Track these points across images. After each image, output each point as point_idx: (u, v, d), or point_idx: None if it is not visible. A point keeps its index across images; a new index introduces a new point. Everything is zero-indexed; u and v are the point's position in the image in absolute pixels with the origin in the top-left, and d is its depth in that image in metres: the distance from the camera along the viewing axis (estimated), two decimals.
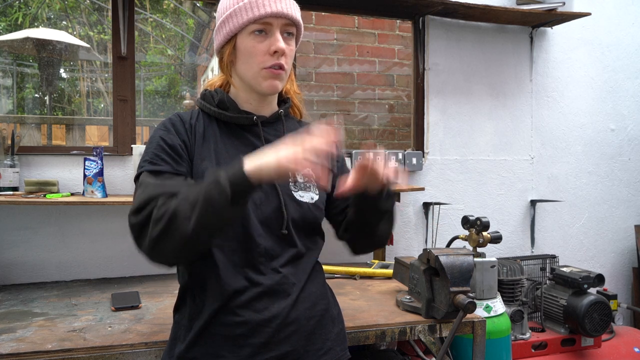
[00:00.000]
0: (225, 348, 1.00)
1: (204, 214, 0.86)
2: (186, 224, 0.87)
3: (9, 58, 3.26)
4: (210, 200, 0.86)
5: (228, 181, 0.86)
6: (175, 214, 0.87)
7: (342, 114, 3.24)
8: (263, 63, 1.05)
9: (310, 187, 1.12)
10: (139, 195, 0.96)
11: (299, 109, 1.26)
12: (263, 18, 1.03)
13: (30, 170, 2.04)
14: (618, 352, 2.35)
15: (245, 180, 0.86)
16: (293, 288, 1.05)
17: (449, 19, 2.64)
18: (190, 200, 0.88)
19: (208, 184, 0.88)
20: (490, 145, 2.77)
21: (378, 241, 1.19)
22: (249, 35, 1.05)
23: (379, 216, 1.10)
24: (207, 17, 4.43)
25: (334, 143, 0.87)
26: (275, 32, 1.05)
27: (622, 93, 3.04)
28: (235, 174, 0.87)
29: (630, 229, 3.06)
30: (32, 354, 1.22)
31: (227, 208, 0.87)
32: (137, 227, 0.93)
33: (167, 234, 0.88)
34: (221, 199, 0.86)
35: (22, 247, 2.03)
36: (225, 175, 0.87)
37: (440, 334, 1.53)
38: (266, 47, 1.04)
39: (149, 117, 4.43)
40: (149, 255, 0.94)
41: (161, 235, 0.89)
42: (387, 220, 1.13)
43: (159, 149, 1.02)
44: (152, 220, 0.90)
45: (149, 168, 1.00)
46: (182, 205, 0.88)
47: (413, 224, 2.60)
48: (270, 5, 1.03)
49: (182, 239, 0.88)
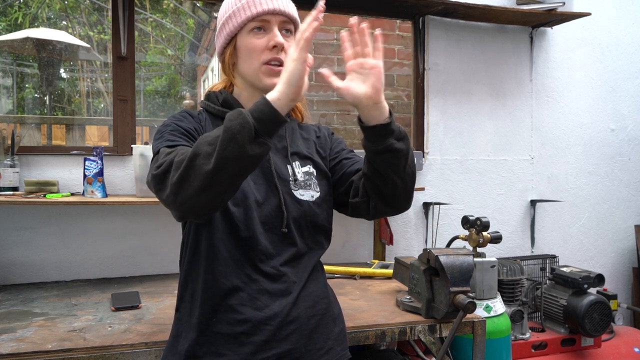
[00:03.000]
0: (227, 346, 1.00)
1: (226, 147, 0.83)
2: (207, 162, 0.84)
3: (9, 58, 3.26)
4: (232, 132, 0.83)
5: (251, 114, 0.85)
6: (196, 153, 0.85)
7: (342, 114, 3.24)
8: (263, 58, 1.06)
9: (310, 185, 1.12)
10: (156, 161, 0.94)
11: (300, 112, 1.27)
12: (260, 15, 1.05)
13: (30, 170, 2.04)
14: (618, 352, 2.35)
15: (270, 108, 0.86)
16: (294, 286, 1.05)
17: (449, 19, 2.64)
18: (210, 139, 0.86)
19: (229, 116, 0.86)
20: (490, 145, 2.77)
21: (401, 189, 1.02)
22: (248, 34, 1.07)
23: (394, 159, 0.98)
24: (207, 17, 4.43)
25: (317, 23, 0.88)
26: (274, 28, 1.07)
27: (622, 93, 3.04)
28: (260, 103, 0.86)
29: (630, 229, 3.06)
30: (32, 354, 1.22)
31: (251, 143, 0.84)
32: (158, 177, 0.90)
33: (189, 173, 0.85)
34: (244, 130, 0.83)
35: (22, 247, 2.03)
36: (247, 110, 0.87)
37: (440, 334, 1.53)
38: (265, 42, 1.06)
39: (149, 117, 4.43)
40: (171, 202, 0.89)
41: (183, 177, 0.86)
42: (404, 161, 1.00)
43: (175, 131, 1.03)
44: (174, 166, 0.88)
45: (166, 144, 0.99)
46: (202, 145, 0.86)
47: (413, 224, 2.60)
48: (266, 3, 1.06)
49: (203, 177, 0.84)
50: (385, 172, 0.99)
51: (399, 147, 0.97)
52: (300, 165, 1.13)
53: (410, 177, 1.03)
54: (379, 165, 0.99)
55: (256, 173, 1.08)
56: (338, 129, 3.22)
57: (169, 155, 0.92)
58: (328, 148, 1.22)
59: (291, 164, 1.12)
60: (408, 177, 1.02)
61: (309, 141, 1.21)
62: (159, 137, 1.03)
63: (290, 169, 1.11)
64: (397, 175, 1.00)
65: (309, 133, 1.23)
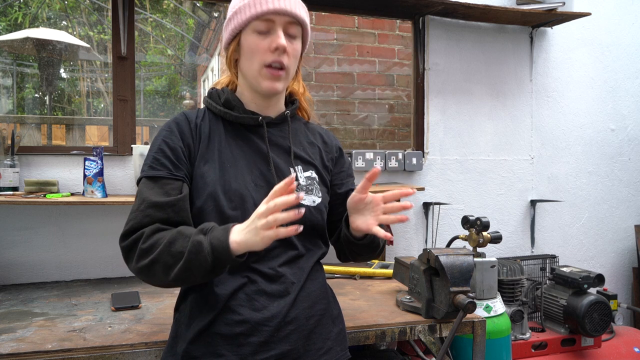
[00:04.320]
0: (226, 347, 1.00)
1: (182, 273, 0.93)
2: (165, 274, 0.94)
3: (9, 58, 3.26)
4: (190, 265, 0.92)
5: (212, 252, 0.91)
6: (157, 259, 0.94)
7: (342, 114, 3.24)
8: (264, 60, 1.05)
9: (312, 190, 1.12)
10: (132, 212, 1.02)
11: (306, 111, 1.26)
12: (265, 14, 1.03)
13: (30, 170, 2.04)
14: (618, 352, 2.35)
15: (229, 255, 0.91)
16: (292, 287, 1.05)
17: (449, 19, 2.64)
18: (173, 252, 0.94)
19: (191, 247, 0.92)
20: (490, 145, 2.77)
21: (364, 259, 1.24)
22: (252, 33, 1.06)
23: (366, 250, 1.17)
24: (207, 17, 4.43)
25: (292, 191, 0.91)
26: (278, 29, 1.05)
27: (622, 93, 3.04)
28: (220, 247, 0.91)
29: (630, 229, 3.07)
30: (32, 354, 1.22)
31: (206, 274, 0.93)
32: (123, 250, 1.01)
33: (149, 273, 0.97)
34: (201, 267, 0.92)
35: (22, 247, 2.03)
36: (209, 244, 0.91)
37: (440, 334, 1.53)
38: (267, 44, 1.05)
39: (149, 117, 4.43)
40: (137, 276, 1.01)
41: (144, 271, 0.97)
42: (373, 250, 1.19)
43: (160, 152, 1.05)
44: (139, 251, 0.97)
45: (147, 174, 1.04)
46: (164, 255, 0.94)
47: (413, 224, 2.60)
48: (273, 2, 1.03)
49: (161, 283, 0.98)
50: (356, 252, 1.17)
51: (379, 242, 1.16)
52: (302, 170, 1.13)
53: (376, 255, 1.22)
54: (352, 247, 1.15)
55: (257, 174, 1.08)
56: (338, 129, 3.23)
57: (136, 232, 0.99)
58: (333, 164, 1.23)
59: (294, 167, 1.12)
60: (374, 256, 1.22)
61: (314, 146, 1.20)
62: (147, 156, 1.07)
63: (292, 173, 1.11)
64: (366, 256, 1.20)
65: (315, 136, 1.22)
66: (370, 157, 2.47)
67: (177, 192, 1.02)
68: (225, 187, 1.03)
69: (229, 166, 1.06)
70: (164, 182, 1.02)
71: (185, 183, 1.04)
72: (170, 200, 1.00)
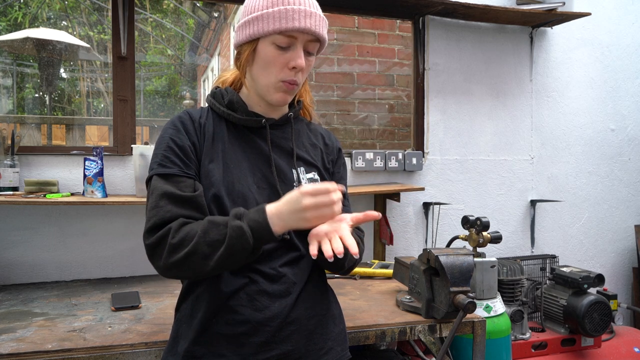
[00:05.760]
0: (227, 347, 1.00)
1: (225, 259, 0.94)
2: (205, 263, 0.94)
3: (9, 58, 3.26)
4: (233, 250, 0.93)
5: (252, 236, 0.93)
6: (194, 251, 0.93)
7: (342, 114, 3.24)
8: (280, 76, 1.04)
9: None
10: (151, 209, 0.99)
11: (309, 112, 1.26)
12: (290, 32, 1.01)
13: (30, 170, 2.04)
14: (618, 352, 2.35)
15: (271, 235, 0.94)
16: (293, 287, 1.05)
17: (449, 19, 2.64)
18: (209, 241, 0.93)
19: (232, 232, 0.93)
20: (490, 145, 2.77)
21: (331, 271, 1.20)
22: (271, 45, 1.03)
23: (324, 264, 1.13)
24: (207, 17, 4.43)
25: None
26: (298, 47, 1.03)
27: (622, 93, 3.04)
28: (261, 228, 0.93)
29: (630, 229, 3.07)
30: (32, 354, 1.22)
31: (248, 257, 0.95)
32: (150, 247, 0.97)
33: (184, 265, 0.95)
34: (244, 251, 0.93)
35: (22, 247, 2.03)
36: (248, 227, 0.93)
37: (440, 334, 1.53)
38: (286, 60, 1.03)
39: (149, 117, 4.44)
40: (163, 274, 0.99)
41: (178, 265, 0.95)
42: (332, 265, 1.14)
43: (169, 150, 1.03)
44: (169, 247, 0.94)
45: (159, 171, 1.02)
46: (201, 245, 0.93)
47: (413, 224, 2.60)
48: (299, 20, 1.00)
49: (200, 273, 0.96)
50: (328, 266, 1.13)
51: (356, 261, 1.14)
52: (305, 172, 1.13)
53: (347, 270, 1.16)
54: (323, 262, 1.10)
55: (259, 177, 1.08)
56: (338, 129, 3.23)
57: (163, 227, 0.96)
58: (333, 165, 1.22)
59: (296, 168, 1.12)
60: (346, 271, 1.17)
61: (316, 147, 1.19)
62: (155, 154, 1.05)
63: (295, 174, 1.11)
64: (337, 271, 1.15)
65: (317, 137, 1.22)
66: (370, 157, 2.47)
67: (190, 189, 1.01)
68: (229, 188, 1.03)
69: (232, 167, 1.06)
70: (176, 179, 1.01)
71: (197, 181, 1.04)
72: (189, 195, 0.99)
